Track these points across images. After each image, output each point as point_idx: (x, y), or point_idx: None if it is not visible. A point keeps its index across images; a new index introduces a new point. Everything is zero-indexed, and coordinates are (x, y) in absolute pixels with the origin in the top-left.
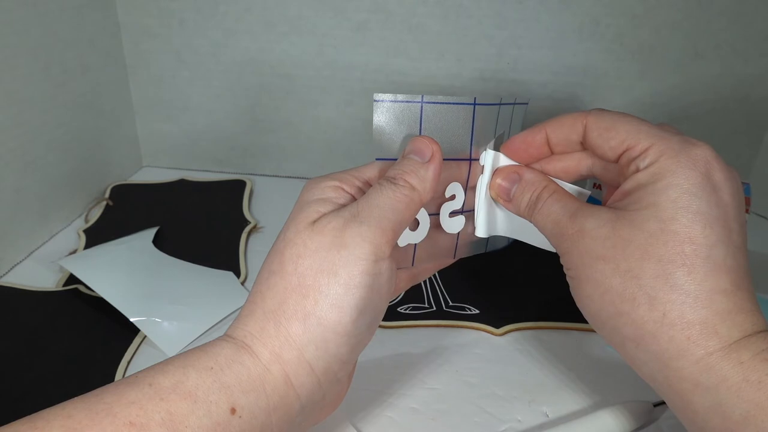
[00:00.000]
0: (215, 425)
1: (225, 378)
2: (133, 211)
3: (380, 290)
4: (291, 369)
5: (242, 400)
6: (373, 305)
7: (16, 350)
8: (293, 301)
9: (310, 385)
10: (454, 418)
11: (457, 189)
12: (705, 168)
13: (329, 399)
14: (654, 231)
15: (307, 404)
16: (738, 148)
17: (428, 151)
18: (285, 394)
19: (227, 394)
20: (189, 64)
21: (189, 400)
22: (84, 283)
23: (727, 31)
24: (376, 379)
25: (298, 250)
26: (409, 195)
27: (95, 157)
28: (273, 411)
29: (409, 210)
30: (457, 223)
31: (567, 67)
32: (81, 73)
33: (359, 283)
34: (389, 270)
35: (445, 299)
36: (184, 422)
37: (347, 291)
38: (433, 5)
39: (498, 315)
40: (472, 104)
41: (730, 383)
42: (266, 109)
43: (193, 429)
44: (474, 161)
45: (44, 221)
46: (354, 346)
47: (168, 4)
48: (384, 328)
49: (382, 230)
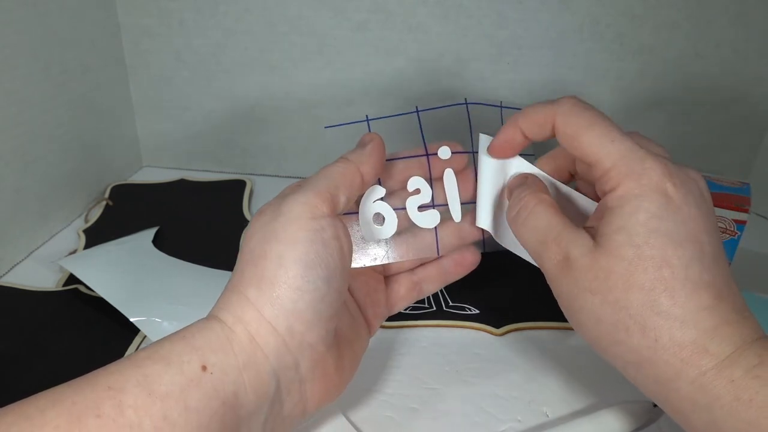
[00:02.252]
0: (188, 381)
1: (195, 342)
2: (133, 211)
3: (327, 245)
4: (253, 328)
5: (212, 359)
6: (321, 259)
7: (15, 350)
8: (248, 272)
9: (275, 345)
10: (454, 418)
11: (420, 183)
12: (665, 187)
13: (307, 371)
14: (631, 258)
15: (279, 368)
16: (738, 148)
17: (367, 138)
18: (252, 353)
19: (198, 354)
20: (189, 64)
21: (162, 363)
22: (84, 283)
23: (727, 31)
24: (377, 379)
25: (251, 232)
26: (343, 164)
27: (95, 157)
28: (243, 369)
29: (344, 177)
30: (429, 218)
31: (567, 67)
32: (81, 73)
33: (299, 238)
34: (332, 227)
35: (445, 299)
36: (159, 381)
37: (288, 248)
38: (433, 5)
39: (498, 315)
40: (415, 112)
41: (723, 402)
42: (266, 109)
43: (167, 386)
44: (432, 155)
45: (44, 221)
46: (311, 302)
47: (168, 4)
48: (384, 328)
49: (316, 192)
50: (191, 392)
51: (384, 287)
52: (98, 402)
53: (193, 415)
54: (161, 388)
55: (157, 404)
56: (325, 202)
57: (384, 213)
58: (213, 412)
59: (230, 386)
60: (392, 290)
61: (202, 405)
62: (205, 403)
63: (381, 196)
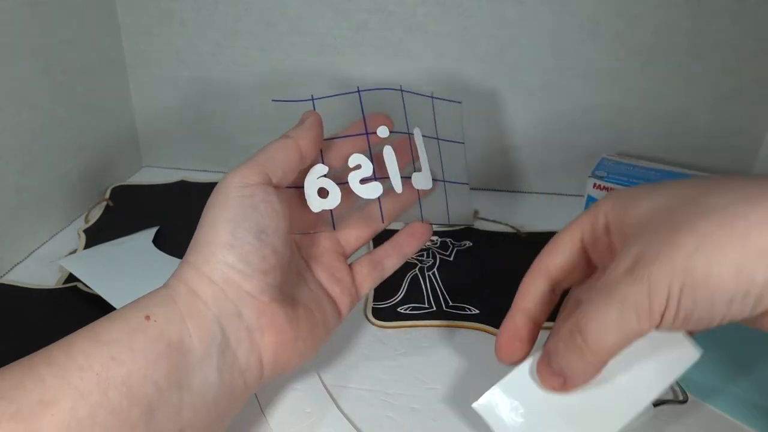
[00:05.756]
0: (133, 331)
1: (140, 302)
2: (133, 211)
3: (257, 207)
4: (192, 282)
5: (155, 310)
6: (251, 219)
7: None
8: (192, 241)
9: (213, 293)
10: (454, 418)
11: (361, 159)
12: None
13: (252, 319)
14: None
15: (221, 315)
16: (738, 148)
17: (305, 115)
18: (193, 303)
19: (142, 309)
20: (189, 64)
21: (109, 319)
22: (84, 283)
23: (727, 31)
24: (376, 379)
25: None
26: (282, 140)
27: (95, 157)
28: (185, 317)
29: (282, 151)
30: (372, 189)
31: (567, 67)
32: (81, 73)
33: (228, 204)
34: (263, 192)
35: (445, 299)
36: (105, 331)
37: (220, 211)
38: (433, 5)
39: (498, 315)
40: (357, 91)
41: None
42: (266, 109)
43: (114, 333)
44: (371, 134)
45: (44, 221)
46: (242, 255)
47: (168, 4)
48: (384, 328)
49: (249, 164)
50: (136, 337)
51: (346, 267)
52: (50, 352)
53: (139, 355)
54: (108, 336)
55: (104, 349)
56: (258, 173)
57: (327, 187)
58: (158, 353)
59: (175, 332)
60: (355, 272)
61: (147, 346)
62: (150, 345)
63: (323, 173)
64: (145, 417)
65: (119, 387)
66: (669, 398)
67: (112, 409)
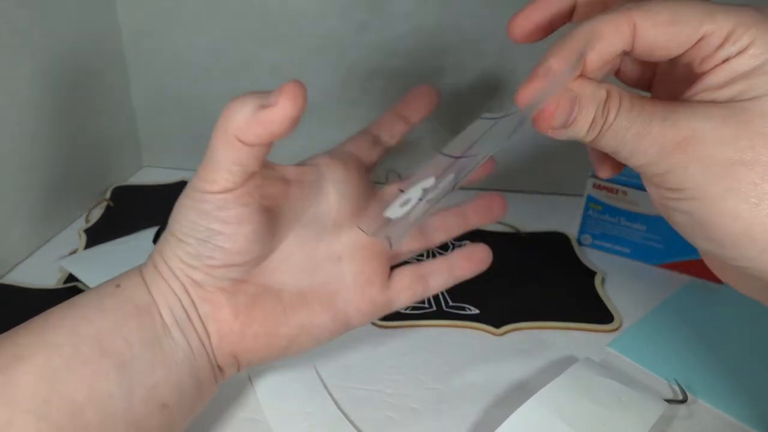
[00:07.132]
0: (103, 296)
1: (114, 278)
2: (133, 212)
3: (207, 214)
4: (155, 260)
5: (124, 281)
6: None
7: None
8: None
9: (169, 271)
10: (454, 418)
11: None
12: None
13: (199, 304)
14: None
15: (176, 289)
16: None
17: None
18: (157, 276)
19: (114, 281)
20: (189, 64)
21: (85, 292)
22: (84, 283)
23: None
24: (376, 379)
25: None
26: None
27: (95, 158)
28: (150, 286)
29: None
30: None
31: None
32: (81, 73)
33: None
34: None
35: (445, 299)
36: (79, 300)
37: (177, 208)
38: (433, 5)
39: (498, 315)
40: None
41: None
42: None
43: (85, 299)
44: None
45: (44, 221)
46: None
47: (168, 4)
48: (384, 328)
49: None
50: (106, 300)
51: (385, 271)
52: (29, 322)
53: (109, 314)
54: (81, 301)
55: (76, 311)
56: (224, 178)
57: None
58: (127, 312)
59: (142, 298)
60: (394, 279)
61: (116, 307)
62: (119, 306)
63: (429, 186)
64: (116, 368)
65: (90, 342)
66: (669, 398)
67: (84, 360)
